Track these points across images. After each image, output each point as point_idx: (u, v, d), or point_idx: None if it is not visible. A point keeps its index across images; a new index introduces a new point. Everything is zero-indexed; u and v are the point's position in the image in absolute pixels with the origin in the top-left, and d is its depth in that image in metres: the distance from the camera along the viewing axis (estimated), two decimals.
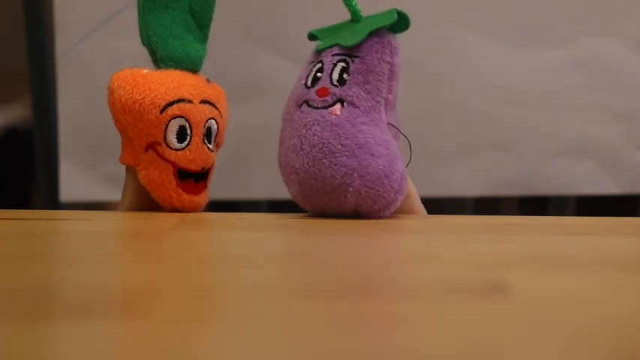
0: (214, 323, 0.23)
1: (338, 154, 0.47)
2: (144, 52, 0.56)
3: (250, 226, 0.48)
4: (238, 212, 0.81)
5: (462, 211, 0.86)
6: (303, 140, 0.48)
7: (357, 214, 0.48)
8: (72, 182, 0.84)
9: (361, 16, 0.51)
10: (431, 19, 0.81)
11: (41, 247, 0.39)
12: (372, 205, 0.47)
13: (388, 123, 0.50)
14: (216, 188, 0.67)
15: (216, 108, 0.54)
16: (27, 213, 0.59)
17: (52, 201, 0.86)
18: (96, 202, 0.85)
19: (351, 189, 0.47)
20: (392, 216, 0.51)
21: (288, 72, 0.81)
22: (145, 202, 0.54)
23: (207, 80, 0.55)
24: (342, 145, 0.47)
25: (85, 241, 0.41)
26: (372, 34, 0.50)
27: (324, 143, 0.48)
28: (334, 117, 0.48)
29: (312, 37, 0.53)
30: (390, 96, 0.50)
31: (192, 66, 0.55)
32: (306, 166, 0.48)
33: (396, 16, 0.49)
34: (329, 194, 0.47)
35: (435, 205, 0.86)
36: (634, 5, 0.82)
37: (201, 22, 0.55)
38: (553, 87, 0.83)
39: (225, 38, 0.82)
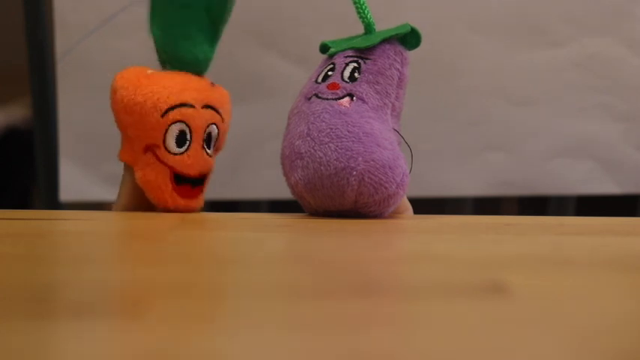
0: (214, 323, 0.23)
1: (345, 139, 0.47)
2: (144, 52, 0.55)
3: (250, 227, 0.48)
4: (238, 212, 0.81)
5: (462, 211, 0.86)
6: (311, 127, 0.48)
7: (356, 206, 0.48)
8: (72, 182, 0.84)
9: (374, 29, 0.52)
10: (431, 19, 0.81)
11: (41, 247, 0.39)
12: (373, 195, 0.47)
13: (393, 129, 0.50)
14: (217, 188, 0.67)
15: (219, 113, 0.54)
16: (27, 213, 0.59)
17: (52, 201, 0.86)
18: (96, 202, 0.85)
19: (355, 172, 0.47)
20: (391, 216, 0.51)
21: (288, 72, 0.81)
22: (142, 200, 0.54)
23: (212, 84, 0.54)
24: (349, 131, 0.47)
25: (85, 241, 0.41)
26: (385, 41, 0.50)
27: (331, 128, 0.48)
28: (343, 107, 0.49)
29: (323, 48, 0.53)
30: (397, 103, 0.51)
31: (199, 69, 0.54)
32: (312, 150, 0.48)
33: (409, 27, 0.50)
34: (332, 178, 0.47)
35: (435, 205, 0.87)
36: (634, 5, 0.82)
37: (215, 21, 0.54)
38: (553, 87, 0.83)
39: (225, 38, 0.82)
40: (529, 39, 0.82)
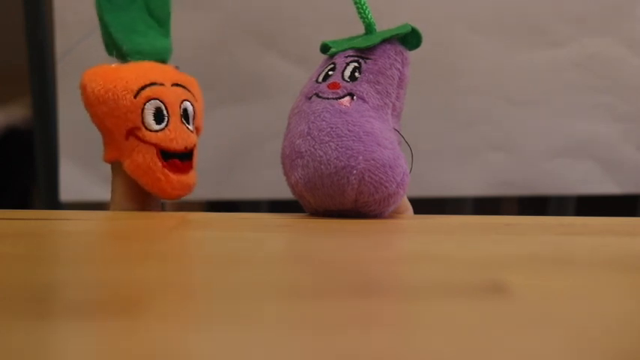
0: (214, 323, 0.23)
1: (345, 138, 0.47)
2: None
3: (250, 227, 0.48)
4: (238, 212, 0.81)
5: (462, 211, 0.86)
6: (311, 126, 0.49)
7: (356, 205, 0.48)
8: (72, 182, 0.84)
9: (375, 29, 0.52)
10: (431, 18, 0.81)
11: (41, 247, 0.39)
12: (373, 194, 0.47)
13: (393, 128, 0.50)
14: (217, 188, 0.67)
15: (189, 91, 0.55)
16: (27, 213, 0.59)
17: (52, 201, 0.86)
18: (96, 202, 0.85)
19: (355, 171, 0.47)
20: (391, 216, 0.51)
21: (288, 72, 0.81)
22: (136, 193, 0.54)
23: (177, 67, 0.56)
24: (349, 130, 0.48)
25: (85, 241, 0.41)
26: (386, 41, 0.51)
27: (332, 127, 0.48)
28: (344, 107, 0.49)
29: (324, 48, 0.53)
30: (397, 103, 0.51)
31: (160, 57, 0.55)
32: (312, 149, 0.48)
33: (409, 27, 0.51)
34: (332, 177, 0.47)
35: (435, 205, 0.87)
36: (634, 5, 0.82)
37: (160, 20, 0.56)
38: (553, 87, 0.83)
39: (225, 38, 0.82)
40: (529, 39, 0.82)
